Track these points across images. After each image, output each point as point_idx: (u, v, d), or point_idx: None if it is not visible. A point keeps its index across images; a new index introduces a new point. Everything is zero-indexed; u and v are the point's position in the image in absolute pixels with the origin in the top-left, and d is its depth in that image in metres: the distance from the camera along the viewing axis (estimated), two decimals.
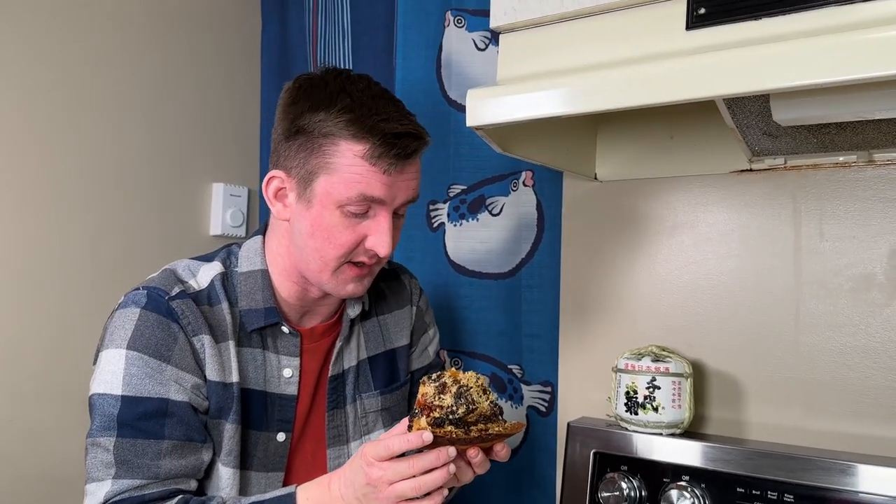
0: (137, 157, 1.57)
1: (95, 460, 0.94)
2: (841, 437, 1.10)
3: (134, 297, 1.00)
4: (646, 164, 1.30)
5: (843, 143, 1.07)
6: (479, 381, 0.89)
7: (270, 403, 1.05)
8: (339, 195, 0.97)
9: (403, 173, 0.99)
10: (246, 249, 1.09)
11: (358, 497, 0.90)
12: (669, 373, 1.14)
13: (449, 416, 0.86)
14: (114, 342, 0.97)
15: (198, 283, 1.03)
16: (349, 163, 0.96)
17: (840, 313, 1.13)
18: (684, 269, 1.26)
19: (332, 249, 1.00)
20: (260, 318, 1.04)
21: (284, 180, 1.01)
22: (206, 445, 0.99)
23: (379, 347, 1.19)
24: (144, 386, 0.95)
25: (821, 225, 1.15)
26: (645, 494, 1.12)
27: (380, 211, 1.00)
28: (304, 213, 1.00)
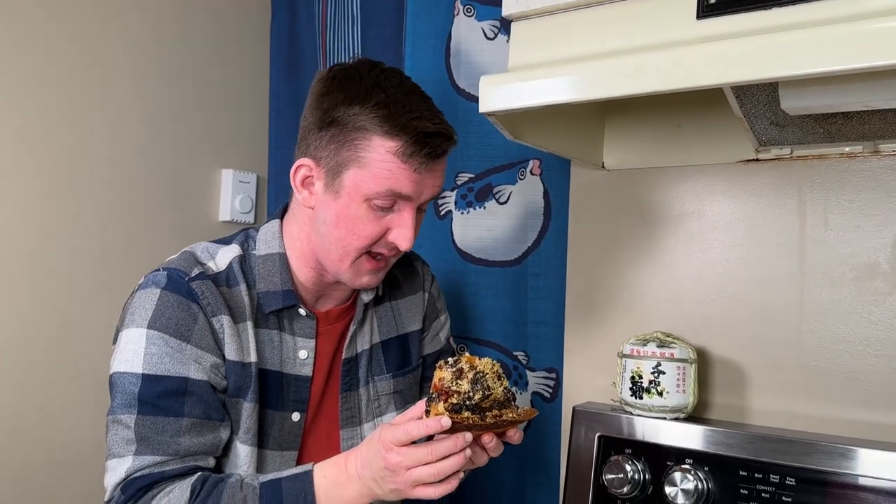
0: (147, 143, 1.58)
1: (116, 437, 0.96)
2: (843, 424, 1.12)
3: (154, 278, 1.01)
4: (653, 153, 1.32)
5: (850, 133, 1.08)
6: (495, 367, 0.91)
7: (286, 384, 1.07)
8: (367, 189, 0.99)
9: (431, 171, 1.01)
10: (264, 233, 1.10)
11: (375, 479, 0.91)
12: (674, 358, 1.15)
13: (466, 402, 0.87)
14: (134, 322, 0.99)
15: (216, 265, 1.05)
16: (381, 158, 0.98)
17: (843, 302, 1.14)
18: (690, 257, 1.28)
19: (355, 240, 1.02)
20: (278, 301, 1.06)
21: (313, 169, 1.03)
22: (224, 424, 1.01)
23: (391, 332, 1.21)
24: (165, 365, 0.97)
25: (826, 214, 1.17)
26: (649, 477, 1.14)
27: (405, 206, 1.02)
28: (331, 202, 1.01)
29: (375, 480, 0.91)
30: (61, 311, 1.43)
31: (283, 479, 0.95)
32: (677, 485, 1.10)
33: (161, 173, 1.61)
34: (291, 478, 0.95)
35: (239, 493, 0.94)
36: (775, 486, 1.04)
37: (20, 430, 1.36)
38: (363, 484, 0.93)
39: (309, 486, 0.94)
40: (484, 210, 1.53)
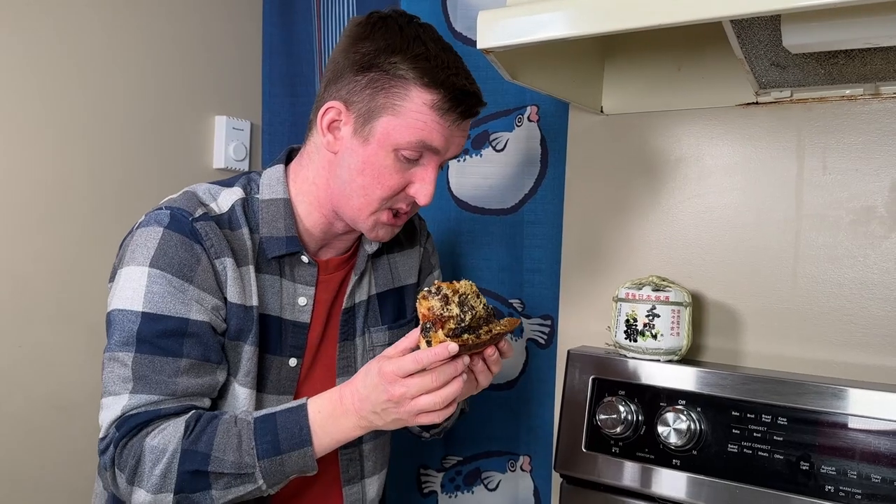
0: (139, 90, 1.56)
1: (113, 374, 0.96)
2: (836, 367, 1.13)
3: (156, 216, 1.00)
4: (653, 96, 1.30)
5: (851, 74, 1.07)
6: (472, 287, 0.94)
7: (285, 329, 1.07)
8: (399, 138, 0.99)
9: (460, 129, 1.03)
10: (268, 177, 1.09)
11: (376, 412, 0.92)
12: (669, 301, 1.16)
13: (461, 325, 0.89)
14: (135, 259, 0.98)
15: (219, 207, 1.04)
16: (417, 109, 0.98)
17: (839, 245, 1.15)
18: (687, 202, 1.28)
19: (379, 190, 1.02)
20: (281, 246, 1.06)
21: (342, 112, 1.02)
22: (221, 366, 1.01)
23: (388, 284, 1.21)
24: (166, 304, 0.96)
25: (824, 158, 1.16)
26: (642, 418, 1.15)
27: (430, 161, 1.02)
28: (358, 148, 1.01)
29: (376, 413, 0.92)
30: (56, 256, 1.42)
31: (277, 413, 0.96)
32: (670, 425, 1.11)
33: (154, 121, 1.59)
34: (285, 412, 0.96)
35: (233, 427, 0.94)
36: (767, 425, 1.05)
37: (18, 374, 1.36)
38: (361, 417, 0.94)
39: (304, 420, 0.94)
40: (480, 158, 1.52)
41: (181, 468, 0.92)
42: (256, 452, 0.93)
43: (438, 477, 1.56)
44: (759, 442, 1.05)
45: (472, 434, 1.52)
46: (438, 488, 1.55)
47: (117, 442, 0.93)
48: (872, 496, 0.97)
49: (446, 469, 1.55)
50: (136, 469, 0.92)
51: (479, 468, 1.53)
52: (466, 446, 1.54)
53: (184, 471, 0.92)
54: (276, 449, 0.93)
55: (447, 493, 1.55)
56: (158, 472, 0.91)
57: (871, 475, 0.97)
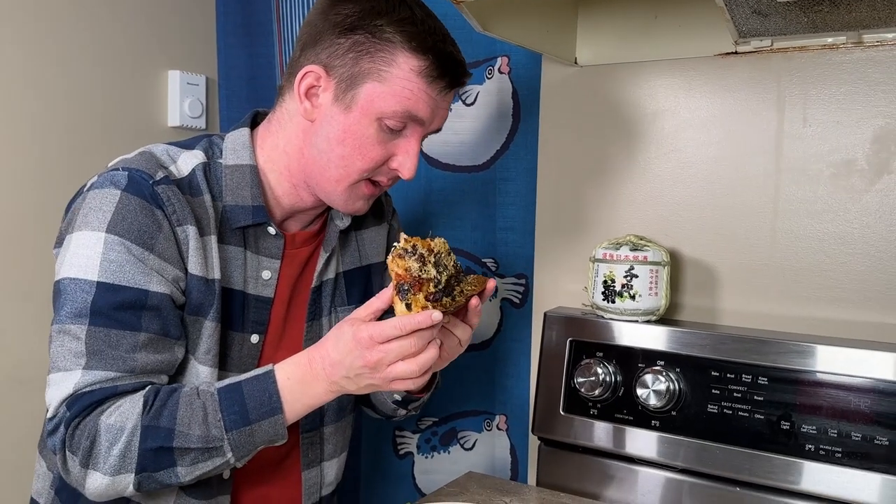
0: (87, 43, 1.46)
1: (63, 349, 0.89)
2: (817, 323, 1.12)
3: (112, 177, 0.92)
4: (628, 46, 1.25)
5: (835, 22, 1.03)
6: (445, 244, 0.91)
7: (247, 304, 1.02)
8: (384, 106, 0.94)
9: (444, 100, 0.99)
10: (231, 142, 1.02)
11: (349, 377, 0.88)
12: (647, 261, 1.13)
13: (438, 288, 0.86)
14: (89, 224, 0.90)
15: (178, 170, 0.97)
16: (404, 76, 0.93)
17: (819, 200, 1.12)
18: (664, 156, 1.24)
19: (360, 161, 0.97)
20: (247, 216, 1.00)
21: (322, 78, 0.96)
22: (180, 342, 0.95)
23: (355, 262, 1.16)
24: (125, 274, 0.90)
25: (805, 109, 1.13)
26: (620, 379, 1.14)
27: (413, 132, 0.98)
28: (338, 116, 0.96)
29: (349, 378, 0.88)
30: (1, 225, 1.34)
31: (242, 382, 0.91)
32: (649, 386, 1.09)
33: (102, 78, 1.50)
34: (251, 380, 0.91)
35: (196, 400, 0.89)
36: (747, 385, 1.04)
37: None
38: (332, 382, 0.90)
39: (272, 387, 0.90)
40: (450, 112, 1.45)
41: (143, 446, 0.86)
42: (224, 424, 0.88)
43: (414, 438, 1.54)
44: (739, 402, 1.05)
45: (447, 395, 1.50)
46: (414, 449, 1.54)
47: (68, 422, 0.87)
48: (852, 454, 0.97)
49: (422, 430, 1.53)
50: (90, 450, 0.86)
51: (455, 428, 1.52)
52: (442, 407, 1.52)
53: (146, 448, 0.86)
54: (244, 419, 0.89)
55: (423, 454, 1.54)
56: (117, 451, 0.86)
57: (852, 433, 0.97)
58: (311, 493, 1.11)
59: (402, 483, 1.54)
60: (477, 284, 0.94)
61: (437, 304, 0.86)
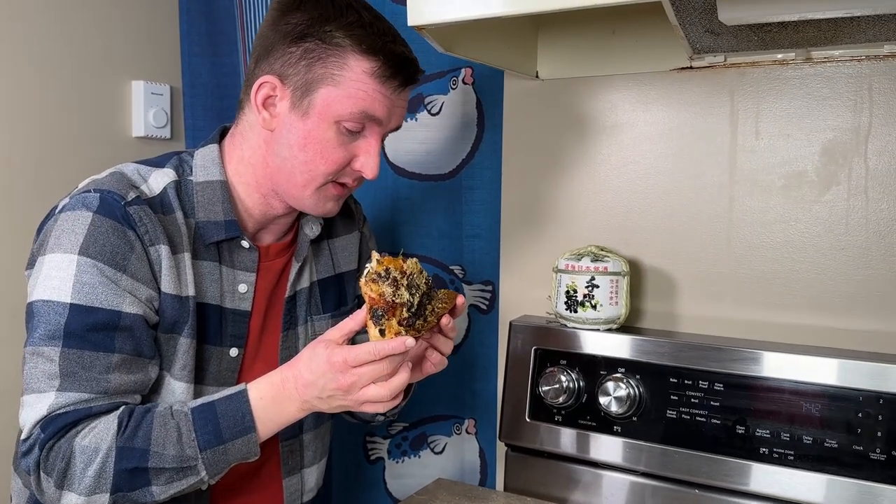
0: (49, 54, 1.45)
1: (36, 370, 0.90)
2: (770, 327, 1.16)
3: (84, 199, 0.93)
4: (588, 61, 1.28)
5: (784, 40, 1.07)
6: (417, 264, 0.92)
7: (225, 318, 1.03)
8: (340, 109, 0.95)
9: (401, 98, 1.00)
10: (201, 158, 1.04)
11: (321, 398, 0.90)
12: (608, 272, 1.16)
13: (411, 311, 0.88)
14: (62, 246, 0.91)
15: (150, 189, 0.98)
16: (356, 78, 0.95)
17: (771, 210, 1.16)
18: (623, 168, 1.27)
19: (323, 165, 0.98)
20: (220, 231, 1.01)
21: (277, 87, 0.98)
22: (153, 361, 0.96)
23: (328, 271, 1.18)
24: (97, 295, 0.91)
25: (757, 123, 1.17)
26: (583, 386, 1.17)
27: (373, 132, 0.99)
28: (297, 123, 0.97)
29: (321, 399, 0.90)
30: None
31: (215, 401, 0.92)
32: (610, 393, 1.13)
33: (66, 86, 1.48)
34: (225, 399, 0.93)
35: (171, 420, 0.91)
36: (704, 391, 1.08)
37: None
38: (304, 401, 0.92)
39: (245, 406, 0.92)
40: (416, 122, 1.48)
41: (118, 466, 0.88)
42: (198, 444, 0.90)
43: (385, 444, 1.56)
44: (697, 407, 1.09)
45: (417, 400, 1.52)
46: (385, 454, 1.56)
47: (43, 443, 0.88)
48: (804, 456, 1.01)
49: (392, 435, 1.55)
50: (65, 471, 0.88)
51: (425, 433, 1.54)
52: (412, 412, 1.54)
53: (121, 469, 0.88)
54: (218, 438, 0.91)
55: (394, 459, 1.56)
56: (92, 472, 0.87)
57: (803, 436, 1.02)
58: (292, 501, 1.13)
59: (373, 488, 1.56)
60: (448, 301, 0.96)
61: (410, 328, 0.88)
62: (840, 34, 1.03)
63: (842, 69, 1.10)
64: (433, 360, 0.99)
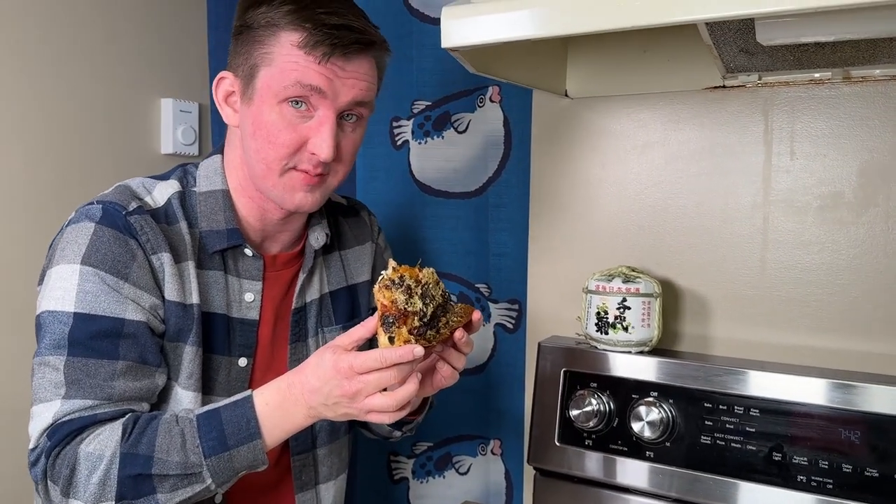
0: (80, 73, 1.46)
1: (43, 380, 0.90)
2: (806, 352, 1.14)
3: (87, 211, 0.94)
4: (618, 79, 1.27)
5: (820, 60, 1.05)
6: (434, 274, 0.90)
7: (232, 328, 1.03)
8: (276, 86, 0.94)
9: (346, 70, 0.95)
10: (204, 168, 1.05)
11: (327, 405, 0.88)
12: (639, 293, 1.15)
13: (423, 321, 0.86)
14: (65, 258, 0.92)
15: (154, 201, 0.99)
16: (286, 52, 0.94)
17: (807, 231, 1.14)
18: (654, 187, 1.26)
19: (272, 149, 0.96)
20: (222, 240, 1.01)
21: (232, 81, 1.00)
22: (160, 370, 0.96)
23: (341, 282, 1.17)
24: (100, 303, 0.91)
25: (792, 143, 1.15)
26: (614, 409, 1.15)
27: (323, 110, 0.96)
28: (247, 111, 0.97)
29: (327, 406, 0.88)
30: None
31: (220, 408, 0.91)
32: (643, 418, 1.11)
33: (95, 108, 1.50)
34: (230, 406, 0.91)
35: (175, 426, 0.89)
36: (739, 416, 1.06)
37: None
38: (310, 408, 0.90)
39: (251, 412, 0.90)
40: (442, 140, 1.47)
41: (121, 473, 0.87)
42: (202, 450, 0.88)
43: (409, 463, 1.55)
44: (732, 433, 1.06)
45: (442, 419, 1.51)
46: (409, 474, 1.55)
47: (49, 451, 0.88)
48: (843, 485, 0.99)
49: (417, 455, 1.54)
50: (70, 479, 0.87)
51: (449, 453, 1.53)
52: (436, 431, 1.53)
53: (125, 476, 0.87)
54: (223, 445, 0.89)
55: (418, 479, 1.55)
56: (96, 479, 0.86)
57: (843, 464, 0.99)
58: None
59: None
60: (463, 315, 0.94)
61: (420, 338, 0.86)
62: (879, 53, 1.01)
63: (880, 88, 1.08)
64: (444, 374, 0.96)
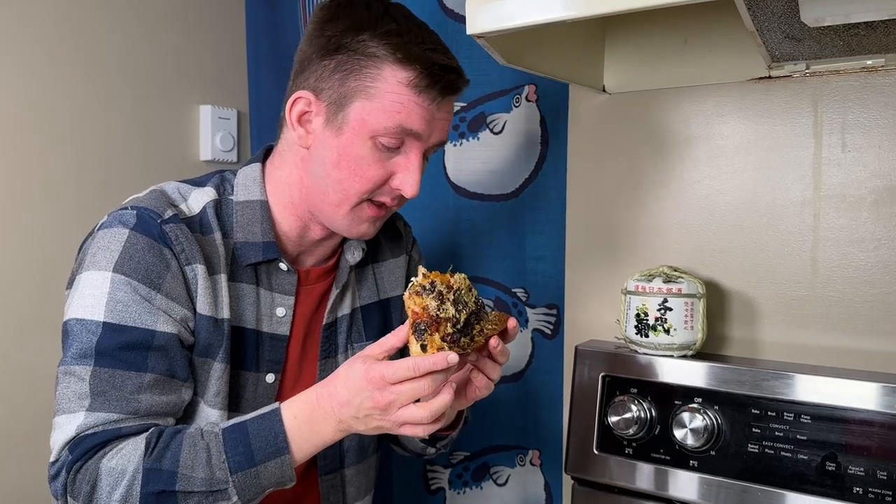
0: (120, 80, 1.48)
1: (68, 391, 0.87)
2: (861, 355, 1.07)
3: (121, 216, 0.92)
4: (658, 72, 1.23)
5: (872, 45, 0.99)
6: (466, 280, 0.87)
7: (261, 343, 1.00)
8: (375, 123, 0.91)
9: (441, 111, 0.94)
10: (243, 177, 1.02)
11: (358, 417, 0.84)
12: (682, 293, 1.09)
13: (457, 328, 0.83)
14: (97, 264, 0.90)
15: (189, 209, 0.97)
16: (392, 90, 0.90)
17: (861, 227, 1.08)
18: (697, 184, 1.20)
19: (358, 183, 0.94)
20: (258, 253, 0.98)
21: (312, 103, 0.94)
22: (187, 384, 0.93)
23: (372, 297, 1.14)
24: (130, 314, 0.88)
25: (843, 134, 1.09)
26: (655, 416, 1.10)
27: (412, 148, 0.94)
28: (332, 140, 0.94)
29: (358, 419, 0.84)
30: (39, 260, 1.36)
31: (247, 421, 0.87)
32: (686, 425, 1.05)
33: (136, 112, 1.52)
34: (257, 419, 0.87)
35: (200, 441, 0.86)
36: (789, 424, 0.99)
37: (4, 385, 1.31)
38: (340, 421, 0.86)
39: (279, 427, 0.86)
40: (477, 141, 1.44)
41: (144, 490, 0.83)
42: (228, 466, 0.84)
43: (446, 473, 1.51)
44: (782, 441, 1.00)
45: (479, 428, 1.47)
46: (446, 485, 1.51)
47: (70, 465, 0.85)
48: None
49: (453, 465, 1.50)
50: (91, 495, 0.83)
51: (487, 463, 1.49)
52: (474, 441, 1.49)
53: (147, 492, 0.83)
54: (250, 460, 0.85)
55: (455, 490, 1.51)
56: (118, 496, 0.83)
57: None
58: None
59: None
60: (498, 323, 0.90)
61: (454, 345, 0.82)
62: None
63: None
64: (478, 384, 0.92)
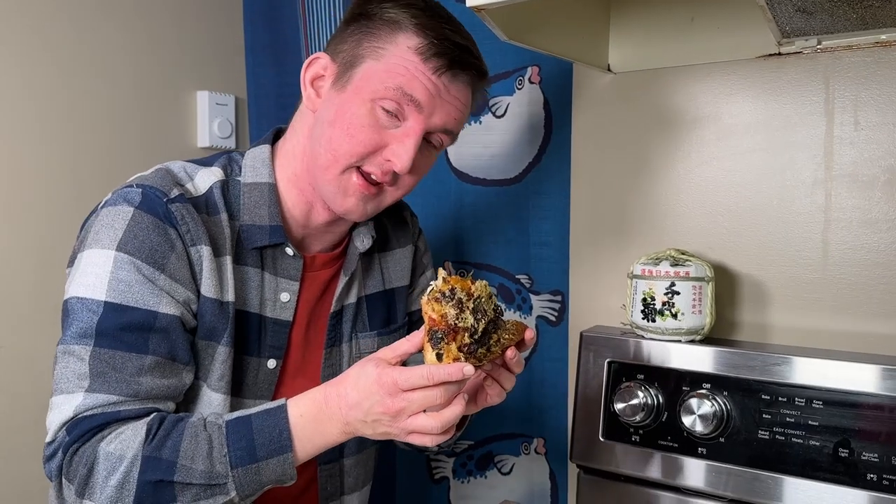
0: (116, 66, 1.46)
1: (66, 370, 0.85)
2: (874, 339, 1.04)
3: (126, 194, 0.89)
4: (664, 50, 1.19)
5: (886, 17, 0.96)
6: (487, 288, 0.84)
7: (264, 327, 0.98)
8: (376, 83, 0.90)
9: (450, 91, 0.93)
10: (251, 158, 0.99)
11: (366, 422, 0.82)
12: (689, 277, 1.07)
13: (474, 338, 0.80)
14: (100, 242, 0.87)
15: (195, 188, 0.94)
16: (400, 52, 0.90)
17: (874, 208, 1.05)
18: (705, 165, 1.17)
19: (348, 143, 0.91)
20: (264, 236, 0.96)
21: (327, 65, 0.95)
22: (188, 368, 0.91)
23: (377, 287, 1.11)
24: (133, 294, 0.86)
25: (856, 112, 1.05)
26: (663, 403, 1.07)
27: (413, 121, 0.92)
28: (334, 98, 0.93)
29: (366, 423, 0.82)
30: (35, 248, 1.34)
31: (252, 415, 0.85)
32: (694, 411, 1.02)
33: (133, 97, 1.49)
34: (262, 414, 0.85)
35: (202, 432, 0.84)
36: (801, 409, 0.97)
37: (3, 375, 1.29)
38: (347, 423, 0.83)
39: (283, 423, 0.84)
40: (480, 125, 1.42)
41: (142, 477, 0.81)
42: (229, 460, 0.82)
43: (449, 462, 1.49)
44: (793, 427, 0.97)
45: (483, 417, 1.44)
46: (450, 474, 1.49)
47: (67, 447, 0.83)
48: None
49: (457, 454, 1.48)
50: (87, 479, 0.81)
51: (491, 452, 1.46)
52: (477, 429, 1.46)
53: (145, 480, 0.81)
54: (251, 456, 0.83)
55: (459, 479, 1.48)
56: (114, 482, 0.81)
57: None
58: None
59: None
60: (515, 333, 0.87)
61: (470, 356, 0.80)
62: None
63: None
64: (491, 392, 0.89)
